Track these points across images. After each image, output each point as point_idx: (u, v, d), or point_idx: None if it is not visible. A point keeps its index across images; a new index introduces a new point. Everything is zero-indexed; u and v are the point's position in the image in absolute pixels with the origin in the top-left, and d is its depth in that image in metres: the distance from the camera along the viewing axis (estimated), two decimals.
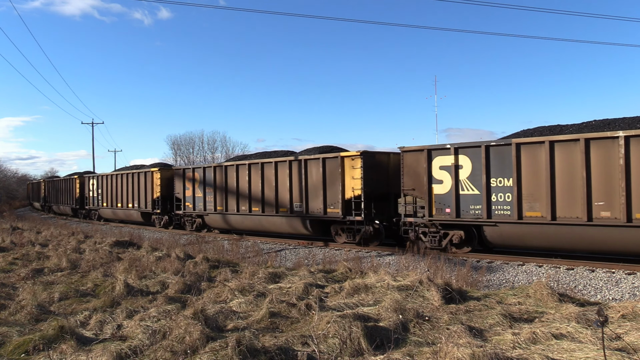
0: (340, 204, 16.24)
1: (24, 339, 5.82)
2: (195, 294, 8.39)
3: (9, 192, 74.66)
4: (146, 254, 13.63)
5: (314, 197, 17.17)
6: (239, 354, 4.90)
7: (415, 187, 14.59)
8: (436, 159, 14.11)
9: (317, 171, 17.05)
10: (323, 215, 16.86)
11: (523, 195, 12.51)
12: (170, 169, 26.55)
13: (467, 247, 13.98)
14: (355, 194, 15.85)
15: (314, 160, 17.24)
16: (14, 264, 12.56)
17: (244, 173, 19.96)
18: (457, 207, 13.60)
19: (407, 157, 14.79)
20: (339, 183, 16.31)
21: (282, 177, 18.33)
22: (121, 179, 29.28)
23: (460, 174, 13.61)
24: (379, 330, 5.73)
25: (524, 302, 7.40)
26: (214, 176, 21.32)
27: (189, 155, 66.86)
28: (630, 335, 5.43)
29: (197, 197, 22.49)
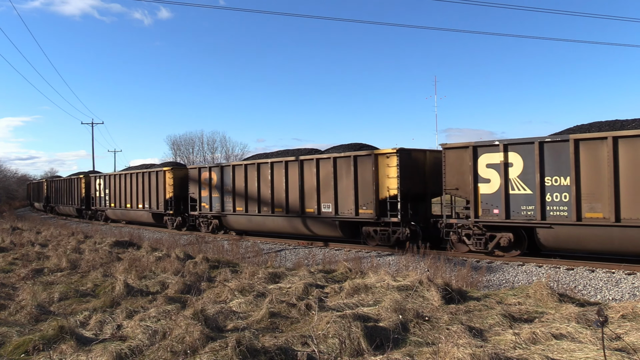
0: (374, 204, 15.36)
1: (23, 339, 5.81)
2: (195, 294, 8.38)
3: (9, 192, 74.65)
4: (146, 254, 13.63)
5: (344, 198, 16.28)
6: (239, 354, 4.90)
7: (458, 187, 13.77)
8: (483, 157, 13.25)
9: (347, 170, 16.17)
10: (354, 216, 15.96)
11: (582, 195, 11.68)
12: (184, 168, 25.66)
13: (516, 251, 13.18)
14: (391, 193, 15.03)
15: (344, 159, 16.34)
16: (14, 264, 12.55)
17: (265, 172, 19.09)
18: (507, 207, 12.78)
19: (449, 155, 13.93)
20: (372, 182, 15.42)
21: (309, 176, 17.41)
22: (130, 178, 28.31)
23: (510, 172, 12.77)
24: (378, 331, 5.73)
25: (524, 302, 7.40)
26: (232, 175, 20.47)
27: (189, 155, 66.85)
28: (630, 335, 5.43)
29: (214, 198, 21.53)
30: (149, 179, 26.41)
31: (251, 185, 19.68)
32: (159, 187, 25.51)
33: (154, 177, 25.92)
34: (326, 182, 16.80)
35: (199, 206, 22.57)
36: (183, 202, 24.45)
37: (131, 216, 28.79)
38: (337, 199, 16.46)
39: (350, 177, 16.05)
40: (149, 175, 26.50)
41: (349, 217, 16.19)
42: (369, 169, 15.58)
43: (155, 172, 25.88)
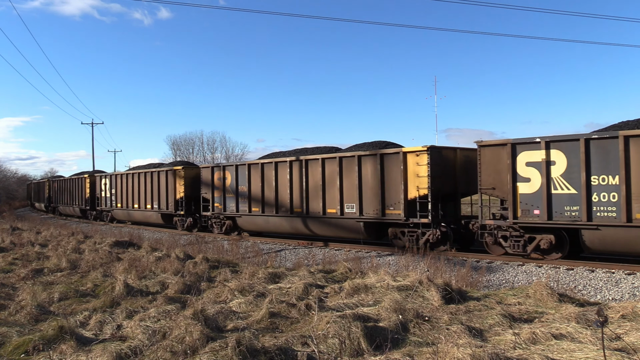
0: (402, 204, 14.66)
1: (23, 339, 5.81)
2: (195, 294, 8.38)
3: (9, 192, 74.67)
4: (146, 254, 13.63)
5: (370, 198, 15.59)
6: (238, 354, 4.90)
7: (495, 186, 13.11)
8: (522, 155, 12.62)
9: (373, 168, 15.46)
10: (381, 217, 15.27)
11: (633, 195, 11.11)
12: (196, 167, 24.72)
13: (557, 253, 12.55)
14: (421, 193, 14.36)
15: (370, 157, 15.62)
16: (14, 264, 12.55)
17: (283, 171, 18.37)
18: (549, 208, 12.14)
19: (485, 153, 13.30)
20: (400, 182, 14.73)
21: (331, 175, 16.73)
22: (138, 178, 27.32)
23: (552, 171, 12.13)
24: (378, 331, 5.73)
25: (524, 302, 7.41)
26: (248, 175, 19.79)
27: (189, 155, 66.85)
28: (630, 335, 5.43)
29: (229, 198, 20.85)
30: (159, 179, 25.50)
31: (268, 185, 19.02)
32: (169, 187, 24.64)
33: (164, 177, 25.04)
34: (350, 181, 16.16)
35: (212, 206, 21.83)
36: (194, 203, 23.67)
37: (139, 217, 27.96)
38: (362, 199, 15.79)
39: (376, 176, 15.40)
40: (158, 175, 25.57)
41: (375, 218, 15.52)
42: (396, 167, 14.93)
43: (165, 172, 25.02)
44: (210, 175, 21.80)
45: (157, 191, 25.59)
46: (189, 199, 23.76)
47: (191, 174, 23.82)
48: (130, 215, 28.80)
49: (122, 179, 29.30)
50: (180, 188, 23.85)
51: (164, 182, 25.08)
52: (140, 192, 27.07)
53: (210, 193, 21.86)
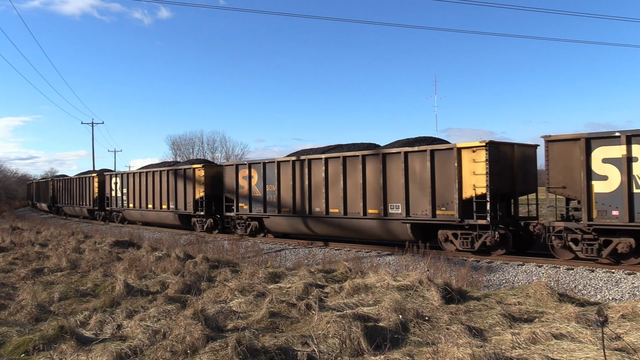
0: (457, 205, 13.57)
1: (24, 339, 5.82)
2: (195, 294, 8.39)
3: (9, 192, 74.65)
4: (146, 253, 13.63)
5: (418, 197, 14.45)
6: (239, 354, 4.90)
7: (566, 185, 12.12)
8: (598, 150, 11.60)
9: (422, 166, 14.34)
10: (431, 218, 14.14)
11: None
12: (217, 165, 23.56)
13: (636, 258, 11.56)
14: (478, 192, 13.23)
15: (418, 154, 14.47)
16: (14, 264, 12.56)
17: (318, 169, 17.17)
18: (630, 208, 11.14)
19: (554, 149, 12.28)
20: (454, 180, 13.61)
21: (373, 173, 15.58)
22: (153, 176, 25.76)
23: (634, 167, 11.17)
24: (378, 330, 5.73)
25: (524, 302, 7.41)
26: (277, 173, 18.50)
27: (189, 155, 66.83)
28: (630, 335, 5.43)
29: (255, 197, 19.55)
30: (176, 178, 23.97)
31: (300, 184, 17.81)
32: (188, 186, 23.08)
33: (182, 175, 23.48)
34: (395, 179, 15.00)
35: (236, 207, 20.42)
36: (216, 203, 22.24)
37: (153, 218, 26.44)
38: (409, 199, 14.64)
39: (425, 174, 14.23)
40: (175, 173, 24.03)
41: (424, 219, 14.37)
42: (450, 164, 13.77)
43: (184, 170, 23.50)
44: (235, 173, 20.47)
45: (175, 191, 24.11)
46: (210, 199, 22.22)
47: (212, 173, 22.40)
48: (144, 216, 27.38)
49: (134, 178, 27.75)
50: (200, 187, 22.34)
51: (182, 181, 23.58)
52: (155, 192, 25.58)
53: (234, 193, 20.52)
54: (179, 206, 23.86)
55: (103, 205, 32.00)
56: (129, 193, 28.37)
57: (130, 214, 28.68)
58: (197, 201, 22.65)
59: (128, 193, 28.43)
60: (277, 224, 18.99)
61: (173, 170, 24.32)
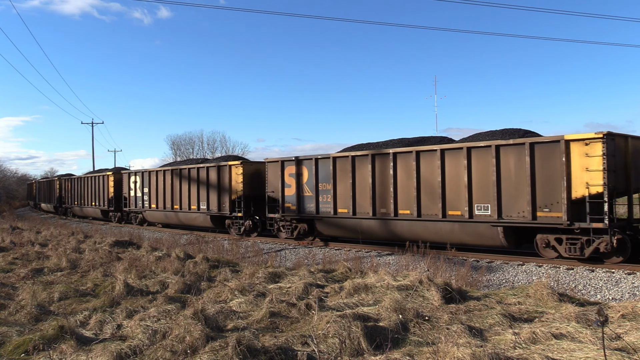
0: (564, 205, 11.83)
1: (23, 339, 5.82)
2: (195, 293, 8.39)
3: (9, 192, 74.68)
4: (146, 253, 13.63)
5: (513, 197, 12.77)
6: (239, 354, 4.90)
7: None
8: None
9: (518, 161, 12.67)
10: (530, 221, 12.41)
11: None
12: (256, 162, 21.51)
13: None
14: (592, 191, 11.57)
15: (514, 147, 12.76)
16: (14, 263, 12.56)
17: (384, 166, 15.55)
18: None
19: None
20: (560, 177, 11.95)
21: (454, 170, 13.91)
22: (180, 174, 23.88)
23: None
24: (378, 330, 5.73)
25: (524, 302, 7.41)
26: (332, 170, 16.77)
27: (189, 155, 66.84)
28: (630, 335, 5.43)
29: (306, 197, 17.71)
30: (207, 176, 22.04)
31: (362, 182, 16.11)
32: (222, 185, 21.22)
33: (215, 173, 21.56)
34: (482, 177, 13.38)
35: (281, 207, 18.60)
36: (255, 203, 20.46)
37: (180, 219, 24.40)
38: (501, 198, 12.98)
39: (523, 170, 12.60)
40: (206, 171, 22.10)
41: (521, 222, 12.65)
42: (554, 159, 12.14)
43: (217, 168, 21.51)
44: (280, 171, 18.60)
45: (206, 190, 22.10)
46: (248, 199, 20.42)
47: (250, 170, 20.67)
48: (169, 217, 25.40)
49: (157, 176, 25.67)
50: (238, 186, 20.47)
51: (215, 180, 21.61)
52: (183, 191, 23.61)
53: (279, 192, 18.68)
54: (212, 207, 21.89)
55: (119, 206, 30.07)
56: (150, 192, 26.29)
57: (152, 215, 26.68)
58: (233, 201, 20.71)
59: (150, 192, 26.32)
60: (332, 226, 17.20)
61: (204, 167, 22.36)
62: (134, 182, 28.03)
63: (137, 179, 27.74)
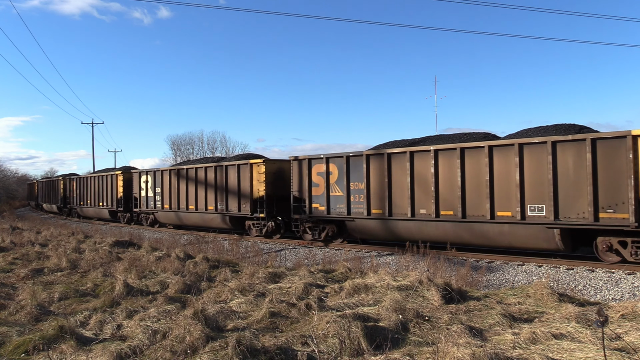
0: (631, 206, 10.99)
1: (23, 339, 5.82)
2: (195, 293, 8.39)
3: (9, 192, 74.71)
4: (146, 253, 13.64)
5: (571, 197, 11.96)
6: (239, 354, 4.90)
7: None
8: None
9: (577, 158, 11.84)
10: (591, 222, 11.59)
11: None
12: (280, 160, 20.33)
13: None
14: None
15: (572, 144, 11.87)
16: (14, 263, 12.56)
17: (423, 164, 14.50)
18: None
19: None
20: (627, 175, 11.09)
21: (504, 168, 12.99)
22: (195, 174, 22.88)
23: None
24: (378, 330, 5.73)
25: (524, 302, 7.41)
26: (366, 168, 15.81)
27: (189, 155, 66.89)
28: (630, 335, 5.43)
29: (335, 197, 16.77)
30: (226, 175, 21.08)
31: (398, 181, 15.18)
32: (243, 184, 20.19)
33: (234, 173, 20.55)
34: (536, 175, 12.57)
35: (308, 207, 17.62)
36: (277, 203, 19.52)
37: (194, 220, 23.52)
38: (557, 198, 12.19)
39: (583, 167, 11.82)
40: (224, 170, 21.12)
41: (581, 224, 11.85)
42: (620, 156, 11.30)
43: (237, 166, 20.47)
44: (307, 169, 17.66)
45: (225, 190, 21.12)
46: (271, 199, 19.41)
47: (273, 169, 19.64)
48: (182, 219, 24.44)
49: (170, 176, 24.71)
50: (260, 186, 19.46)
51: (234, 179, 20.63)
52: (199, 191, 22.70)
53: (305, 191, 17.74)
54: (231, 207, 20.87)
55: (129, 206, 29.15)
56: (163, 192, 25.25)
57: (164, 216, 25.73)
58: (255, 201, 19.64)
59: (162, 192, 25.29)
60: (365, 227, 16.20)
61: (222, 166, 21.24)
62: (144, 181, 26.91)
63: (148, 178, 26.64)
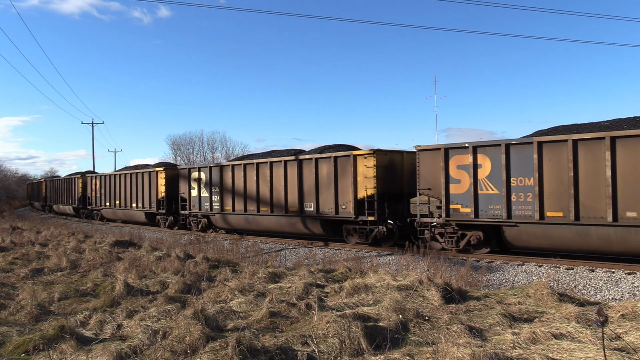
0: None
1: (24, 339, 5.82)
2: (195, 293, 8.39)
3: (9, 192, 74.73)
4: (146, 253, 13.63)
5: None
6: (239, 354, 4.90)
7: None
8: None
9: None
10: None
11: None
12: (390, 151, 16.38)
13: None
14: None
15: None
16: (14, 263, 12.56)
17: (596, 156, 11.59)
18: None
19: None
20: None
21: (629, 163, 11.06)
22: (270, 169, 18.79)
23: None
24: (378, 330, 5.73)
25: (524, 302, 7.41)
26: (538, 160, 12.45)
27: (189, 155, 66.91)
28: (630, 335, 5.43)
29: (485, 196, 13.46)
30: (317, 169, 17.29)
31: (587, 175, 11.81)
32: (344, 180, 16.52)
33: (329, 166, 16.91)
34: None
35: (445, 209, 14.13)
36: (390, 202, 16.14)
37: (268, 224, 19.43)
38: None
39: None
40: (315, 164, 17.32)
41: None
42: None
43: (333, 159, 16.74)
44: (442, 162, 14.15)
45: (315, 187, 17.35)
46: (382, 198, 15.85)
47: (384, 162, 15.99)
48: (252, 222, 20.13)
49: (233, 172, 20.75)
50: (368, 182, 15.70)
51: (328, 174, 16.99)
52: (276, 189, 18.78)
53: (440, 188, 14.26)
54: (324, 208, 17.06)
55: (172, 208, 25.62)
56: (222, 192, 21.40)
57: (224, 219, 21.55)
58: (361, 201, 16.06)
59: (222, 192, 21.40)
60: (536, 235, 12.69)
61: (311, 159, 17.49)
62: (195, 179, 22.92)
63: (201, 175, 22.60)
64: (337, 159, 16.71)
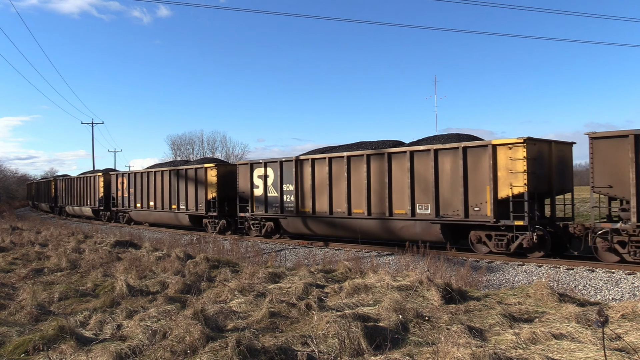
0: None
1: (23, 339, 5.81)
2: (195, 294, 8.39)
3: (9, 192, 74.72)
4: (146, 253, 13.63)
5: None
6: (239, 354, 4.90)
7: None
8: None
9: None
10: None
11: None
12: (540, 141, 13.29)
13: None
14: None
15: None
16: (14, 263, 12.56)
17: None
18: None
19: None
20: None
21: None
22: (367, 162, 15.93)
23: None
24: (378, 330, 5.73)
25: (524, 302, 7.41)
26: None
27: (189, 155, 66.89)
28: (630, 335, 5.43)
29: None
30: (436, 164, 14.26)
31: None
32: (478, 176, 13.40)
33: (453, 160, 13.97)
34: None
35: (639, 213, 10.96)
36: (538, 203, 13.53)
37: (369, 227, 16.20)
38: None
39: None
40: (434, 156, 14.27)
41: None
42: None
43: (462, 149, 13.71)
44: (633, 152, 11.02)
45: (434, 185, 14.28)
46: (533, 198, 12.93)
47: (533, 153, 12.89)
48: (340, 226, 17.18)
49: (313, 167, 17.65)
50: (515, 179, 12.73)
51: (451, 169, 14.05)
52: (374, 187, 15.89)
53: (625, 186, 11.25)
54: (447, 210, 14.13)
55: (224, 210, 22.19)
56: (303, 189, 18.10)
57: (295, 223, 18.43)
58: (502, 201, 13.08)
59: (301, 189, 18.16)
60: None
61: (429, 150, 14.47)
62: (261, 176, 19.62)
63: (269, 171, 19.28)
64: (466, 149, 13.66)
